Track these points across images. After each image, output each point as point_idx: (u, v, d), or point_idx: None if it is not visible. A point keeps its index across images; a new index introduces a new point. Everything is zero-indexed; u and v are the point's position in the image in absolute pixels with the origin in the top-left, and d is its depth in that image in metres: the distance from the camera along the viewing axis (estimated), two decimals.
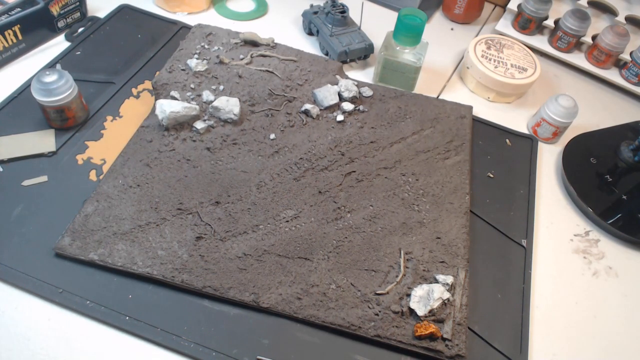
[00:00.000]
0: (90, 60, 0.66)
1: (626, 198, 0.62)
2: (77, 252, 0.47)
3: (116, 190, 0.52)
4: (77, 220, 0.49)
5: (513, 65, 0.72)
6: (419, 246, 0.52)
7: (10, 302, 0.45)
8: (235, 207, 0.52)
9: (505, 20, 0.85)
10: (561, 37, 0.79)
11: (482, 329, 0.49)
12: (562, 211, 0.62)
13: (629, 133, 0.69)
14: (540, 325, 0.51)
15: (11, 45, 0.64)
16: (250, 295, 0.46)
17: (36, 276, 0.46)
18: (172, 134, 0.57)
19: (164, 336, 0.44)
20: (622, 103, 0.78)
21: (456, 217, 0.55)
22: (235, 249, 0.49)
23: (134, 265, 0.47)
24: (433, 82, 0.75)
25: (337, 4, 0.74)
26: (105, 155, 0.56)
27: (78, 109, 0.57)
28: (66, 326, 0.44)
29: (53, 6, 0.67)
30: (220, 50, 0.67)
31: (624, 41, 0.75)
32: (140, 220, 0.50)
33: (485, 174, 0.62)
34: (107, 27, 0.71)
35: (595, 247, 0.59)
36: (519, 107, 0.74)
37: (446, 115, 0.66)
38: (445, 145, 0.62)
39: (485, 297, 0.51)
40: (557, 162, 0.67)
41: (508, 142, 0.67)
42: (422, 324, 0.46)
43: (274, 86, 0.64)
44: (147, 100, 0.63)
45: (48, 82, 0.53)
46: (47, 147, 0.55)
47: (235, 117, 0.59)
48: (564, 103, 0.65)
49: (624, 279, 0.56)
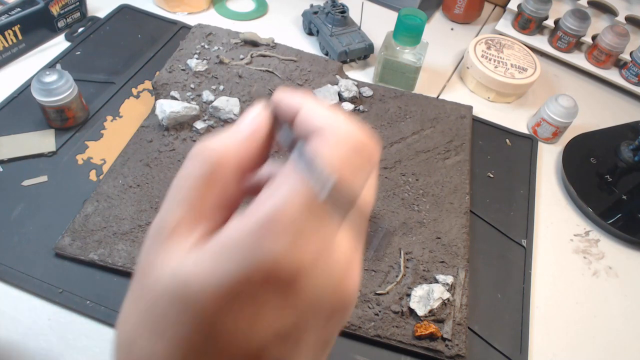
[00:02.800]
0: (90, 60, 0.66)
1: (626, 198, 0.62)
2: (77, 252, 0.47)
3: (116, 190, 0.52)
4: (77, 220, 0.49)
5: (513, 65, 0.72)
6: (419, 246, 0.52)
7: (10, 302, 0.45)
8: None
9: (505, 20, 0.85)
10: (561, 37, 0.79)
11: (482, 329, 0.49)
12: (562, 211, 0.62)
13: (629, 133, 0.69)
14: (540, 325, 0.51)
15: (11, 45, 0.64)
16: None
17: (36, 276, 0.46)
18: (172, 134, 0.57)
19: None
20: (622, 103, 0.78)
21: (456, 217, 0.55)
22: None
23: (134, 265, 0.47)
24: (433, 82, 0.75)
25: (337, 4, 0.74)
26: (105, 155, 0.56)
27: (78, 109, 0.57)
28: (66, 326, 0.44)
29: (53, 6, 0.67)
30: (220, 50, 0.67)
31: (624, 41, 0.75)
32: (140, 220, 0.50)
33: (485, 174, 0.62)
34: (107, 27, 0.71)
35: (595, 247, 0.59)
36: (519, 107, 0.74)
37: (446, 115, 0.66)
38: (445, 145, 0.62)
39: (485, 297, 0.51)
40: (557, 162, 0.67)
41: (508, 142, 0.67)
42: (422, 324, 0.46)
43: (274, 86, 0.64)
44: (147, 100, 0.63)
45: (48, 82, 0.53)
46: (47, 147, 0.55)
47: (235, 117, 0.59)
48: (564, 103, 0.65)
49: (624, 279, 0.56)
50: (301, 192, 0.18)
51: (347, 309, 0.20)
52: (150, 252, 0.20)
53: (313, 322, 0.19)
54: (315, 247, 0.18)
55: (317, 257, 0.18)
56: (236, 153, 0.21)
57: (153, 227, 0.20)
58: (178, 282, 0.18)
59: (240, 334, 0.18)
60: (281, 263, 0.17)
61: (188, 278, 0.18)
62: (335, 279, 0.19)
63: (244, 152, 0.21)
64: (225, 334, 0.18)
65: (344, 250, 0.19)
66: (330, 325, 0.20)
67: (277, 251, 0.17)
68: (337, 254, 0.19)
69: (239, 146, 0.21)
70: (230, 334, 0.18)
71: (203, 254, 0.18)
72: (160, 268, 0.19)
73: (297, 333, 0.19)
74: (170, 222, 0.20)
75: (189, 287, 0.18)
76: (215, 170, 0.20)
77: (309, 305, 0.19)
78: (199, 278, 0.17)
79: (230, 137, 0.21)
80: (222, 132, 0.21)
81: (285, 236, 0.17)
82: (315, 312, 0.19)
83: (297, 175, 0.18)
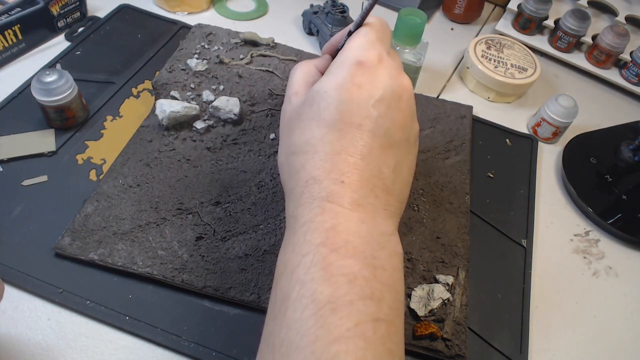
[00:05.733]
0: (90, 60, 0.66)
1: (626, 198, 0.62)
2: (77, 252, 0.47)
3: (116, 190, 0.52)
4: (77, 220, 0.49)
5: (513, 65, 0.72)
6: (419, 246, 0.52)
7: (10, 302, 0.45)
8: (236, 207, 0.52)
9: (505, 20, 0.85)
10: (561, 37, 0.79)
11: (482, 329, 0.49)
12: (562, 211, 0.62)
13: (629, 133, 0.69)
14: (540, 325, 0.51)
15: (11, 45, 0.64)
16: (250, 295, 0.46)
17: (36, 276, 0.46)
18: (172, 133, 0.57)
19: (164, 336, 0.44)
20: (622, 103, 0.78)
21: (456, 217, 0.55)
22: (236, 249, 0.49)
23: (134, 265, 0.47)
24: (433, 82, 0.75)
25: (337, 4, 0.74)
26: (105, 155, 0.56)
27: (78, 109, 0.57)
28: (66, 326, 0.44)
29: (53, 6, 0.67)
30: (220, 50, 0.67)
31: (624, 41, 0.75)
32: (140, 220, 0.50)
33: (485, 174, 0.62)
34: (107, 27, 0.71)
35: (595, 247, 0.59)
36: (519, 107, 0.74)
37: (446, 115, 0.66)
38: (445, 145, 0.62)
39: (485, 297, 0.51)
40: (557, 162, 0.67)
41: (508, 142, 0.67)
42: (422, 324, 0.46)
43: (274, 86, 0.64)
44: (147, 100, 0.63)
45: (48, 82, 0.53)
46: (47, 147, 0.55)
47: (235, 117, 0.59)
48: (564, 103, 0.65)
49: (624, 279, 0.56)
50: (362, 33, 0.37)
51: (407, 93, 0.36)
52: (287, 109, 0.39)
53: (390, 96, 0.35)
54: (378, 52, 0.36)
55: (380, 57, 0.36)
56: (314, 64, 0.42)
57: (285, 100, 0.40)
58: (325, 86, 0.36)
59: (365, 95, 0.35)
60: (362, 57, 0.35)
61: (325, 83, 0.36)
62: (393, 70, 0.36)
63: (318, 62, 0.42)
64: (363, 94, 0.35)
65: (392, 62, 0.37)
66: (402, 107, 0.36)
67: (358, 54, 0.36)
68: (389, 61, 0.36)
69: (315, 62, 0.42)
70: (362, 92, 0.35)
71: (323, 76, 0.37)
72: (314, 93, 0.36)
73: (389, 100, 0.35)
74: (294, 89, 0.40)
75: (333, 84, 0.36)
76: (308, 68, 0.41)
77: (387, 81, 0.35)
78: (328, 79, 0.36)
79: (313, 60, 0.42)
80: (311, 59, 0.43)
81: (360, 48, 0.36)
82: (389, 90, 0.35)
83: (360, 31, 0.38)
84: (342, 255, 0.30)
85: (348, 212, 0.32)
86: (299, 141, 0.36)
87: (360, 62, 0.35)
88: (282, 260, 0.33)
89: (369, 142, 0.34)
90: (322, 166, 0.34)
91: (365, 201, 0.33)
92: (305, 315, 0.28)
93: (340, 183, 0.33)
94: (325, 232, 0.31)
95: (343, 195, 0.33)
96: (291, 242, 0.33)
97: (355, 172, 0.33)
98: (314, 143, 0.35)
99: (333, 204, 0.32)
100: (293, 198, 0.35)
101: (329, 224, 0.32)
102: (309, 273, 0.30)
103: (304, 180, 0.34)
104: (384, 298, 0.30)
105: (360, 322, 0.28)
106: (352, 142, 0.34)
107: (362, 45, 0.36)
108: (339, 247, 0.31)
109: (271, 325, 0.31)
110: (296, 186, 0.35)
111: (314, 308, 0.29)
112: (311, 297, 0.29)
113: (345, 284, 0.29)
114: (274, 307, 0.32)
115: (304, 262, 0.31)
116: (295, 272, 0.31)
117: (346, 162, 0.33)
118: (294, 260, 0.31)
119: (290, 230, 0.34)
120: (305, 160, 0.35)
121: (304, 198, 0.34)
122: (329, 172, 0.33)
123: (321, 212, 0.32)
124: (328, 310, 0.28)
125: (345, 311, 0.28)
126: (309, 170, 0.34)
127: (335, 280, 0.29)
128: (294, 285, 0.30)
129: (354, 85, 0.35)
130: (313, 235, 0.32)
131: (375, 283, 0.30)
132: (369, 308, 0.29)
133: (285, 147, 0.38)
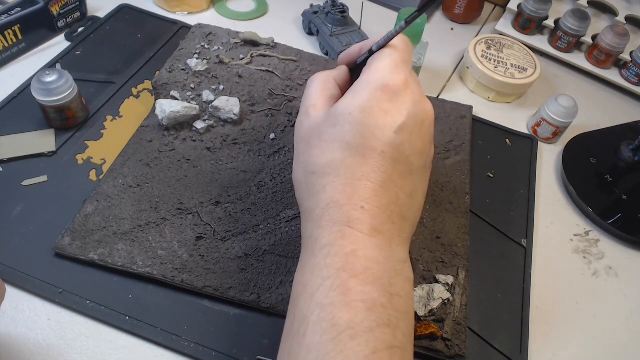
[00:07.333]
0: (90, 60, 0.66)
1: (626, 198, 0.62)
2: (77, 252, 0.47)
3: (116, 190, 0.52)
4: (77, 220, 0.49)
5: (513, 65, 0.72)
6: (419, 246, 0.52)
7: (10, 302, 0.45)
8: (236, 207, 0.52)
9: (505, 20, 0.85)
10: (561, 37, 0.79)
11: (482, 329, 0.49)
12: (562, 211, 0.62)
13: (629, 133, 0.69)
14: (540, 325, 0.51)
15: (11, 45, 0.64)
16: (250, 295, 0.46)
17: (36, 276, 0.46)
18: (172, 133, 0.57)
19: (164, 336, 0.44)
20: (622, 103, 0.78)
21: (456, 217, 0.55)
22: (236, 249, 0.49)
23: (134, 265, 0.47)
24: (433, 82, 0.75)
25: (337, 4, 0.74)
26: (105, 155, 0.56)
27: (78, 109, 0.57)
28: (66, 326, 0.44)
29: (53, 6, 0.67)
30: (220, 50, 0.67)
31: (624, 41, 0.75)
32: (140, 220, 0.50)
33: (485, 174, 0.62)
34: (107, 27, 0.71)
35: (595, 247, 0.59)
36: (519, 107, 0.74)
37: (446, 115, 0.66)
38: (445, 145, 0.62)
39: (485, 297, 0.51)
40: (557, 162, 0.67)
41: (508, 142, 0.67)
42: (422, 324, 0.46)
43: (274, 86, 0.64)
44: (147, 100, 0.63)
45: (48, 82, 0.53)
46: (47, 147, 0.55)
47: (235, 117, 0.59)
48: (564, 103, 0.65)
49: (624, 279, 0.56)
50: (388, 54, 0.37)
51: (429, 119, 0.37)
52: (305, 122, 0.39)
53: (413, 123, 0.35)
54: (405, 76, 0.36)
55: (406, 82, 0.36)
56: (332, 76, 0.41)
57: (301, 111, 0.40)
58: (350, 107, 0.36)
59: (387, 119, 0.35)
60: (389, 80, 0.35)
61: (350, 104, 0.36)
62: (417, 95, 0.36)
63: (336, 74, 0.42)
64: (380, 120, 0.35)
65: (416, 87, 0.37)
66: (423, 133, 0.36)
67: (384, 77, 0.35)
68: (414, 86, 0.37)
69: (332, 73, 0.42)
70: (380, 120, 0.35)
71: (346, 95, 0.37)
72: (338, 113, 0.36)
73: (412, 127, 0.35)
74: (311, 102, 0.39)
75: (354, 105, 0.36)
76: (326, 79, 0.41)
77: (411, 107, 0.35)
78: (353, 100, 0.36)
79: (330, 71, 0.42)
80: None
81: (387, 71, 0.36)
82: (413, 116, 0.35)
83: (385, 51, 0.38)
84: (361, 281, 0.31)
85: (367, 238, 0.33)
86: (320, 161, 0.36)
87: (387, 85, 0.35)
88: (302, 281, 0.34)
89: (389, 170, 0.35)
90: (343, 190, 0.34)
91: (383, 228, 0.34)
92: (325, 339, 0.29)
93: (361, 209, 0.33)
94: (345, 257, 0.32)
95: (363, 222, 0.33)
96: (310, 264, 0.33)
97: (376, 199, 0.34)
98: (335, 166, 0.35)
99: (353, 230, 0.33)
100: (312, 219, 0.36)
101: (349, 249, 0.32)
102: (329, 297, 0.31)
103: (325, 202, 0.35)
104: (399, 325, 0.31)
105: (377, 349, 0.29)
106: (373, 168, 0.34)
107: (388, 67, 0.36)
108: (359, 273, 0.31)
109: (289, 344, 0.32)
110: (316, 207, 0.35)
111: (333, 332, 0.29)
112: (331, 321, 0.30)
113: (364, 310, 0.30)
114: (292, 326, 0.32)
115: (324, 285, 0.31)
116: (315, 296, 0.31)
117: (367, 188, 0.34)
118: (314, 283, 0.32)
119: (309, 251, 0.35)
120: (326, 182, 0.35)
121: (324, 221, 0.34)
122: (351, 198, 0.34)
123: (342, 237, 0.33)
124: (347, 336, 0.29)
125: (363, 338, 0.29)
126: (330, 193, 0.35)
127: (355, 306, 0.30)
128: (314, 309, 0.31)
129: (380, 111, 0.35)
130: (334, 260, 0.32)
131: (392, 311, 0.31)
132: (386, 336, 0.30)
133: (304, 165, 0.38)
